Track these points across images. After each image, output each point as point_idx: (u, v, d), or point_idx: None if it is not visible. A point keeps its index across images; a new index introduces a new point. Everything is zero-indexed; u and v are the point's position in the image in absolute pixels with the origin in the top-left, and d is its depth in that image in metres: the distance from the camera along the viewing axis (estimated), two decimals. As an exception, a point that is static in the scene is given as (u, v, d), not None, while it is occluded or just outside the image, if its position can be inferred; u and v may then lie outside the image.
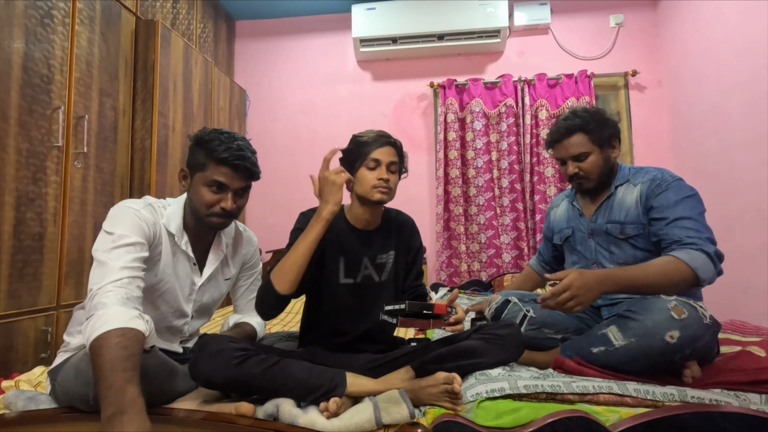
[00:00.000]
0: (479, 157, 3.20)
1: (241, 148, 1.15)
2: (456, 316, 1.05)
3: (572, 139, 1.38)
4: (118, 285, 0.96)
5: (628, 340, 1.12)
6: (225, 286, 1.36)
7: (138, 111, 2.31)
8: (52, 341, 1.78)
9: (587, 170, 1.38)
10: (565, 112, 1.46)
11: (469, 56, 3.39)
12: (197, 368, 1.00)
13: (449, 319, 1.04)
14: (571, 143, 1.38)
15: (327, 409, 0.97)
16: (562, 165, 1.45)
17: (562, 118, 1.43)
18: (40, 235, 1.74)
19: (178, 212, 1.20)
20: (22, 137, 1.67)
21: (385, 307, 1.03)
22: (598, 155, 1.38)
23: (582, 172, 1.39)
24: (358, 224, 1.28)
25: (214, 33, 3.26)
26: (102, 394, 0.81)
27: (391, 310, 1.02)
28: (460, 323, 1.06)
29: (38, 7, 1.75)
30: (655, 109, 3.18)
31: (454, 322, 1.05)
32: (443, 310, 1.02)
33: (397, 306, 1.01)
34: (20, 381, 1.24)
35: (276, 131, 3.50)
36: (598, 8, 3.28)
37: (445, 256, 3.18)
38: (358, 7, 3.23)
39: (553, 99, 3.17)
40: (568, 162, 1.41)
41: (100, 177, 2.06)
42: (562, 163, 1.44)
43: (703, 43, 2.67)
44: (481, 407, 0.98)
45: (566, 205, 1.57)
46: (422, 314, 1.01)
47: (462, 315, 1.08)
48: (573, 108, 1.51)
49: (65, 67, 1.87)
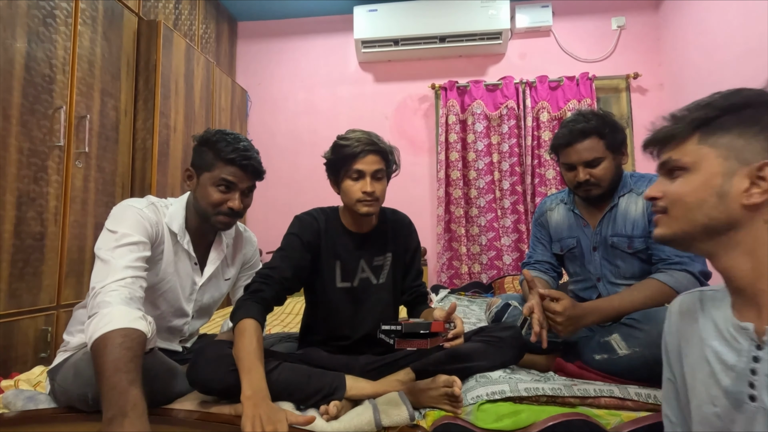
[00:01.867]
0: (480, 159, 3.20)
1: (247, 149, 1.17)
2: (455, 330, 1.02)
3: (586, 143, 1.26)
4: (121, 284, 0.96)
5: (632, 350, 1.11)
6: (225, 286, 1.36)
7: (139, 111, 2.31)
8: (52, 341, 1.78)
9: (599, 177, 1.27)
10: (571, 114, 1.36)
11: (471, 58, 3.39)
12: (196, 375, 1.00)
13: (448, 335, 1.00)
14: (585, 147, 1.26)
15: (327, 412, 0.96)
16: (569, 171, 1.32)
17: (571, 120, 1.31)
18: (40, 234, 1.74)
19: (180, 212, 1.21)
20: (24, 136, 1.67)
21: (381, 326, 1.00)
22: (611, 162, 1.28)
23: (593, 179, 1.27)
24: (353, 227, 1.27)
25: (216, 34, 3.26)
26: (104, 395, 0.81)
27: (387, 330, 0.99)
28: (459, 338, 1.02)
29: (41, 7, 1.75)
30: (657, 112, 3.11)
31: (453, 337, 1.01)
32: (441, 328, 0.98)
33: (393, 326, 0.98)
34: (20, 380, 1.24)
35: (277, 132, 3.51)
36: (600, 11, 3.28)
37: (445, 258, 3.17)
38: (360, 9, 3.24)
39: (555, 101, 3.17)
40: (579, 168, 1.28)
41: (102, 177, 2.06)
42: (570, 168, 1.31)
43: (704, 45, 2.67)
44: (482, 410, 0.98)
45: (564, 211, 1.45)
46: (419, 334, 0.97)
47: (461, 328, 1.03)
48: (579, 110, 1.42)
49: (67, 67, 1.87)
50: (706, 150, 0.62)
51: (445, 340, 1.00)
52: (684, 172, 0.63)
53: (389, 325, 0.99)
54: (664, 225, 0.66)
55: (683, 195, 0.62)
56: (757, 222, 0.59)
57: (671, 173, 0.65)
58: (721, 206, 0.59)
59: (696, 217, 0.61)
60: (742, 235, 0.59)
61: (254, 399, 0.90)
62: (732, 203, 0.59)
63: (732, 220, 0.59)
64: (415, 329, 0.97)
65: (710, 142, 0.61)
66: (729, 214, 0.59)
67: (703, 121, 0.62)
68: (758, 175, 0.57)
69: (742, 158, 0.59)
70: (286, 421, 0.88)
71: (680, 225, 0.63)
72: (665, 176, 0.67)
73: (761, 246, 0.58)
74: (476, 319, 1.96)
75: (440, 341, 1.00)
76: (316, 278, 1.24)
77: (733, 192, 0.59)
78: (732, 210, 0.59)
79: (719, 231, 0.61)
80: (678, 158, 0.64)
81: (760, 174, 0.57)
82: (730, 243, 0.60)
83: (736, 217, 0.59)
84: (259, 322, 1.05)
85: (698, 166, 0.62)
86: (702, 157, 0.62)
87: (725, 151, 0.60)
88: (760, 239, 0.58)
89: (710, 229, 0.61)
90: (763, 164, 0.57)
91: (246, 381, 0.93)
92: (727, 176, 0.60)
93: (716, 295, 0.67)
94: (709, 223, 0.61)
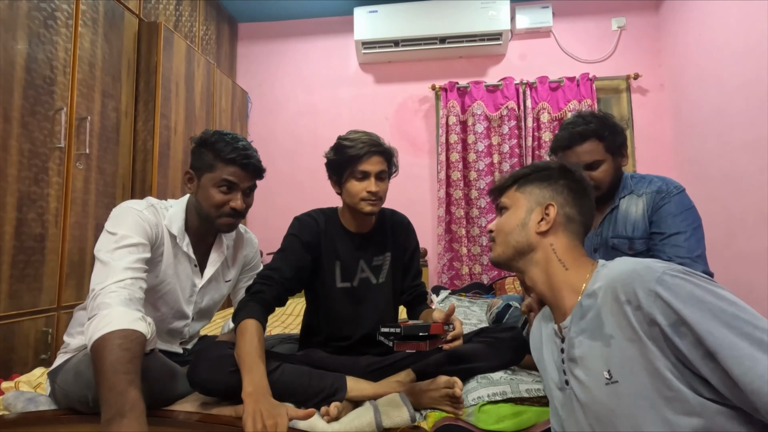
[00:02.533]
0: (481, 160, 3.20)
1: (247, 148, 1.17)
2: (454, 332, 1.02)
3: (585, 145, 1.27)
4: (121, 286, 0.96)
5: None
6: (225, 288, 1.35)
7: (140, 112, 2.31)
8: (53, 342, 1.78)
9: (599, 179, 1.28)
10: (570, 116, 1.36)
11: (471, 59, 3.39)
12: (196, 376, 1.00)
13: (447, 337, 1.00)
14: (585, 150, 1.27)
15: (328, 413, 0.96)
16: None
17: (570, 123, 1.32)
18: (41, 236, 1.74)
19: (180, 213, 1.20)
20: (25, 138, 1.68)
21: (381, 329, 1.00)
22: (611, 164, 1.28)
23: (593, 182, 1.25)
24: (352, 227, 1.27)
25: (216, 35, 3.27)
26: (103, 396, 0.81)
27: (386, 333, 0.99)
28: (458, 339, 1.02)
29: (41, 8, 1.75)
30: (658, 112, 3.17)
31: (452, 339, 1.01)
32: (440, 330, 0.98)
33: (392, 329, 0.98)
34: (20, 382, 1.24)
35: (278, 133, 3.51)
36: (600, 11, 3.28)
37: (446, 259, 3.17)
38: (360, 10, 3.24)
39: (555, 102, 3.16)
40: None
41: (102, 178, 2.06)
42: None
43: (705, 45, 2.67)
44: (483, 411, 0.98)
45: None
46: (418, 336, 0.97)
47: (460, 330, 1.03)
48: (578, 112, 1.42)
49: (68, 69, 1.88)
50: (518, 195, 0.88)
51: (443, 342, 1.00)
52: (506, 210, 0.88)
53: (388, 327, 0.99)
54: (493, 250, 0.89)
55: (502, 225, 0.87)
56: (545, 245, 0.82)
57: (501, 212, 0.90)
58: (523, 233, 0.83)
59: (509, 241, 0.85)
60: (537, 255, 0.82)
61: (255, 395, 0.90)
62: (530, 231, 0.83)
63: (530, 242, 0.83)
64: (414, 331, 0.97)
65: (521, 190, 0.88)
66: (528, 238, 0.83)
67: (518, 177, 0.90)
68: (545, 212, 0.83)
69: (537, 201, 0.85)
70: (287, 416, 0.88)
71: (502, 248, 0.86)
72: (498, 214, 0.90)
73: (548, 262, 0.81)
74: (477, 320, 1.95)
75: (439, 343, 1.00)
76: (316, 279, 1.24)
77: (531, 223, 0.83)
78: (530, 236, 0.83)
79: (524, 252, 0.83)
80: (503, 200, 0.90)
81: (546, 211, 0.83)
82: (531, 261, 0.83)
83: (532, 240, 0.83)
84: (261, 322, 1.05)
85: (513, 206, 0.87)
86: (516, 199, 0.87)
87: (529, 196, 0.86)
88: (548, 256, 0.81)
89: (518, 251, 0.84)
90: (548, 204, 0.83)
91: (247, 379, 0.93)
92: (528, 212, 0.84)
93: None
94: (516, 246, 0.84)
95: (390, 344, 0.98)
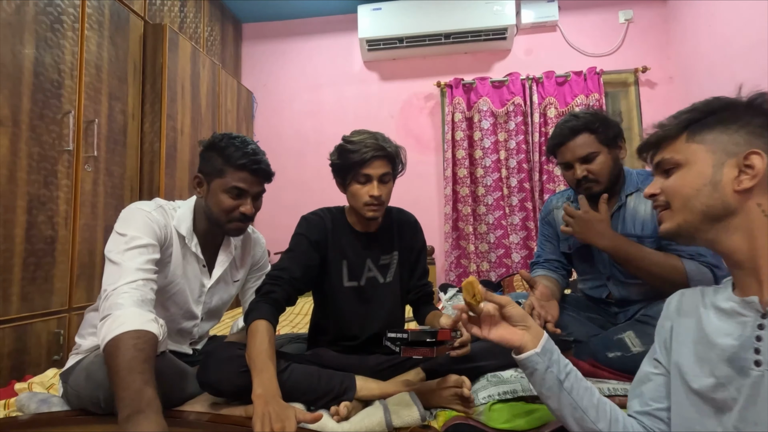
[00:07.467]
0: (487, 156, 3.18)
1: (256, 152, 1.16)
2: (461, 339, 1.00)
3: (578, 139, 1.28)
4: (133, 287, 0.97)
5: (646, 347, 1.08)
6: (234, 288, 1.36)
7: (147, 114, 2.32)
8: (65, 343, 1.79)
9: (597, 172, 1.27)
10: (564, 116, 1.37)
11: (476, 55, 3.37)
12: (206, 377, 1.00)
13: (454, 343, 0.99)
14: (577, 144, 1.28)
15: (337, 412, 0.96)
16: (567, 170, 1.33)
17: (562, 121, 1.33)
18: (51, 238, 1.76)
19: (188, 214, 1.21)
20: (34, 142, 1.69)
21: (387, 334, 1.00)
22: (607, 155, 1.28)
23: (591, 175, 1.28)
24: (359, 227, 1.27)
25: (221, 36, 3.27)
26: (119, 395, 0.81)
27: (393, 338, 0.98)
28: (466, 346, 1.00)
29: (48, 12, 1.76)
30: (667, 106, 3.12)
31: (460, 345, 1.00)
32: (447, 336, 0.96)
33: (399, 335, 0.98)
34: (33, 383, 1.26)
35: (283, 133, 3.51)
36: (607, 4, 3.24)
37: (453, 257, 3.16)
38: (364, 8, 3.23)
39: (562, 97, 3.13)
40: (575, 165, 1.29)
41: (110, 180, 2.07)
42: (567, 167, 1.32)
43: (714, 37, 2.62)
44: (494, 410, 0.97)
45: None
46: (425, 342, 0.95)
47: (468, 337, 1.01)
48: (571, 111, 1.42)
49: (75, 72, 1.89)
50: (695, 146, 0.69)
51: (451, 348, 0.99)
52: (678, 168, 0.70)
53: (395, 333, 0.98)
54: (668, 219, 0.71)
55: (680, 187, 0.69)
56: (749, 206, 0.65)
57: (666, 172, 0.72)
58: (716, 194, 0.66)
59: (695, 206, 0.68)
60: (738, 220, 0.66)
61: (264, 397, 0.90)
62: (725, 190, 0.66)
63: (727, 205, 0.66)
64: (422, 337, 0.96)
65: (698, 140, 0.69)
66: (724, 200, 0.66)
67: (689, 121, 0.70)
68: (745, 163, 0.65)
69: (727, 151, 0.66)
70: (295, 419, 0.88)
71: (683, 215, 0.69)
72: (661, 175, 0.73)
73: (756, 227, 0.65)
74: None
75: (446, 349, 0.99)
76: (324, 278, 1.24)
77: (725, 180, 0.66)
78: (726, 196, 0.66)
79: (718, 217, 0.67)
80: (671, 156, 0.71)
81: (747, 162, 0.64)
82: (729, 227, 0.66)
83: (730, 202, 0.65)
84: (272, 322, 1.05)
85: (690, 161, 0.69)
86: (692, 152, 0.69)
87: (712, 146, 0.68)
88: (755, 221, 0.65)
89: (709, 216, 0.67)
90: (748, 153, 0.64)
91: (257, 380, 0.93)
92: (717, 167, 0.67)
93: (716, 288, 0.73)
94: (707, 211, 0.67)
95: (397, 349, 0.97)
